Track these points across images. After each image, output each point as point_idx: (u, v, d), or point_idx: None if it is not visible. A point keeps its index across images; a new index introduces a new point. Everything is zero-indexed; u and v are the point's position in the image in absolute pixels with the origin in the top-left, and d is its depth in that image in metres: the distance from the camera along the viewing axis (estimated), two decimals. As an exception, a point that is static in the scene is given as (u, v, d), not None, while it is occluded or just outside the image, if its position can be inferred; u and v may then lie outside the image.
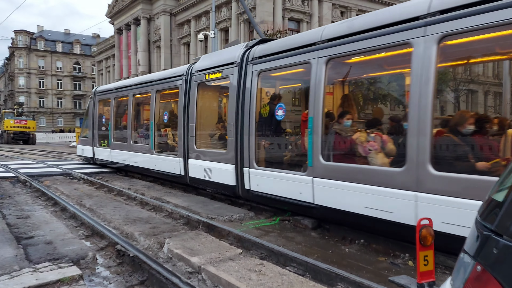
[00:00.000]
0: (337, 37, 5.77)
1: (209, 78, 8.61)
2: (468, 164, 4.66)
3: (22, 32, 77.06)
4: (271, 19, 31.39)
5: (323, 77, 5.87)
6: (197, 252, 4.85)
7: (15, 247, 4.99)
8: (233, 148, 7.62)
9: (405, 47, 4.94)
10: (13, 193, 9.60)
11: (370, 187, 5.19)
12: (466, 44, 4.85)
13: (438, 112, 5.65)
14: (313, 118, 5.95)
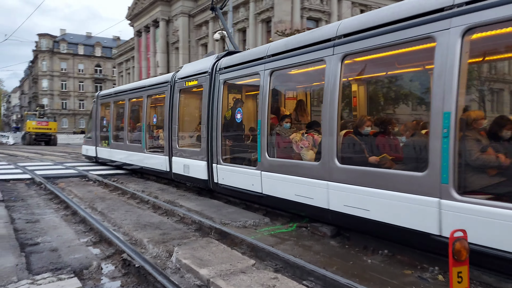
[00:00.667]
0: (280, 52, 6.78)
1: (188, 85, 9.66)
2: (363, 158, 5.66)
3: (46, 35, 78.66)
4: (289, 19, 30.96)
5: (268, 87, 6.95)
6: (206, 263, 4.51)
7: (18, 255, 4.75)
8: (205, 147, 8.67)
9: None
10: (26, 196, 9.49)
11: (299, 178, 6.22)
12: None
13: (351, 115, 6.78)
14: (260, 121, 7.02)
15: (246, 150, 8.08)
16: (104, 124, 15.88)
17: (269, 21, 33.50)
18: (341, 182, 5.46)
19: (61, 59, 78.98)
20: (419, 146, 4.94)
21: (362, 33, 5.25)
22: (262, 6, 33.71)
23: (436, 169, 4.32)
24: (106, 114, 15.85)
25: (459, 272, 3.60)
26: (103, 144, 15.54)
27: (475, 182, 4.40)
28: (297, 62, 6.40)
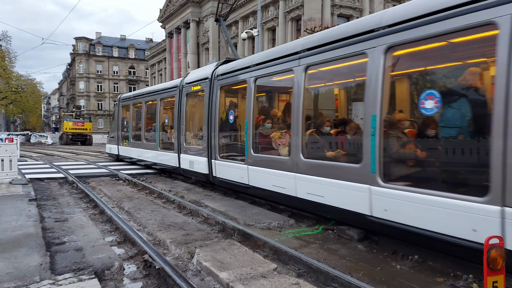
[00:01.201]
0: (262, 62, 7.81)
1: (193, 90, 10.85)
2: (322, 153, 6.61)
3: (82, 39, 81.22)
4: (319, 16, 30.51)
5: (253, 92, 8.04)
6: (227, 266, 4.41)
7: (43, 254, 4.80)
8: (206, 145, 9.80)
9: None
10: (58, 195, 9.72)
11: (275, 171, 7.24)
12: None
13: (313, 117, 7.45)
14: (247, 122, 8.10)
15: (237, 147, 9.00)
16: (124, 125, 17.23)
17: (299, 19, 33.17)
18: (305, 173, 6.48)
19: (97, 61, 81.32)
20: (357, 143, 5.78)
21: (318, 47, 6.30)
22: (292, 4, 33.41)
23: (367, 161, 5.27)
24: (126, 115, 17.30)
25: (494, 282, 3.34)
26: (124, 143, 16.98)
27: (396, 172, 5.29)
28: (274, 70, 7.48)
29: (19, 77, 45.54)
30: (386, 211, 5.03)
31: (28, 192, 9.17)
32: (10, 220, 6.42)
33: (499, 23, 4.01)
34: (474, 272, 4.30)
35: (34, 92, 48.82)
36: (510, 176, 3.78)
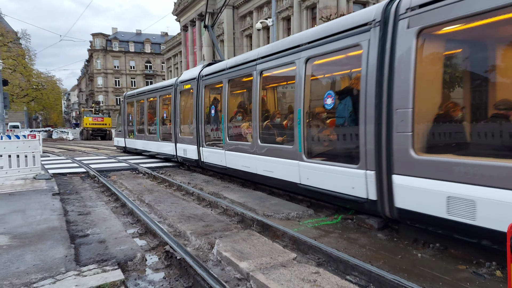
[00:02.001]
0: (233, 65, 9.47)
1: (185, 88, 12.58)
2: (274, 139, 8.18)
3: (99, 35, 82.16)
4: (334, 4, 30.04)
5: (227, 90, 9.84)
6: (247, 256, 4.44)
7: (68, 247, 4.93)
8: (195, 135, 11.64)
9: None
10: (80, 189, 9.93)
11: (243, 154, 8.95)
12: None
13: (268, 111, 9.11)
14: (223, 115, 9.88)
15: (218, 136, 10.55)
16: (130, 120, 19.37)
17: (314, 8, 32.75)
18: (262, 155, 8.24)
19: (114, 57, 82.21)
20: (292, 130, 7.38)
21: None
22: (307, -7, 33.01)
23: (296, 143, 7.06)
24: (131, 111, 19.29)
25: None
26: (130, 136, 19.14)
27: (317, 150, 7.03)
28: (241, 74, 9.15)
29: (39, 75, 46.39)
30: (308, 179, 6.82)
31: (51, 186, 9.39)
32: (35, 214, 6.60)
33: (362, 45, 5.65)
34: (497, 260, 4.24)
35: (54, 89, 49.67)
36: (369, 150, 5.50)
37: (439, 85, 5.24)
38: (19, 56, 40.09)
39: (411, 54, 4.88)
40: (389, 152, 5.17)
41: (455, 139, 4.95)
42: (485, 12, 4.16)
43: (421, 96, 4.89)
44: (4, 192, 8.68)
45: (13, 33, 42.73)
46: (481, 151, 4.56)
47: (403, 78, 4.96)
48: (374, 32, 5.44)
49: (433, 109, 5.12)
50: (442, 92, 5.25)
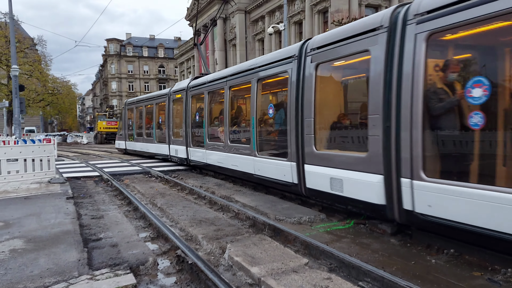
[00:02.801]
0: (212, 80, 11.68)
1: (176, 97, 14.83)
2: (238, 140, 10.05)
3: (113, 40, 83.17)
4: (346, 7, 29.95)
5: (207, 101, 11.98)
6: (258, 261, 4.43)
7: (81, 251, 4.98)
8: (185, 137, 13.70)
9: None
10: (94, 192, 10.04)
11: (218, 152, 10.95)
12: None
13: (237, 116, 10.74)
14: (205, 120, 12.03)
15: (201, 138, 12.45)
16: (130, 124, 21.68)
17: (325, 12, 32.70)
18: (230, 152, 10.18)
19: (128, 61, 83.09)
20: (249, 133, 9.30)
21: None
22: (319, -4, 32.99)
23: (252, 143, 9.04)
24: (131, 116, 21.53)
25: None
26: (130, 139, 21.52)
27: (264, 148, 8.95)
28: (217, 87, 11.26)
29: (55, 80, 47.07)
30: (259, 170, 8.77)
31: (65, 190, 9.51)
32: (50, 218, 6.68)
33: (289, 72, 7.65)
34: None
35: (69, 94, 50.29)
36: (292, 147, 7.45)
37: (329, 102, 7.28)
38: (36, 62, 40.74)
39: (312, 81, 6.93)
40: (303, 149, 7.17)
41: (336, 139, 6.96)
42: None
43: (319, 109, 6.92)
44: (20, 196, 8.82)
45: (30, 40, 43.53)
46: (347, 146, 6.61)
47: (307, 96, 7.02)
48: (294, 64, 7.48)
49: (326, 119, 7.08)
50: (331, 107, 7.31)
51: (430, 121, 4.92)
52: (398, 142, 5.19)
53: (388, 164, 5.35)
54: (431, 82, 5.00)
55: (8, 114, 36.14)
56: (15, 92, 19.57)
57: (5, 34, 36.41)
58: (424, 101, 4.85)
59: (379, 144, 5.46)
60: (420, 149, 4.86)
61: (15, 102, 19.57)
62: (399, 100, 5.16)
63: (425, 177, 4.83)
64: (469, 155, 4.74)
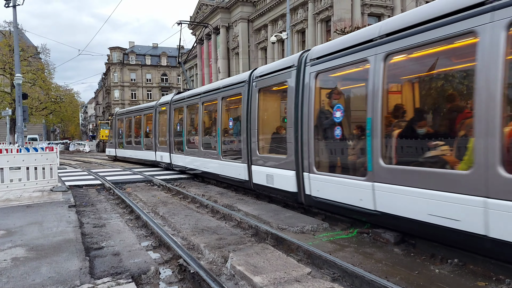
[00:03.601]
0: (190, 96, 13.97)
1: (162, 110, 16.98)
2: (209, 146, 12.10)
3: (116, 48, 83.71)
4: (349, 16, 30.13)
5: (186, 114, 14.15)
6: (261, 270, 4.40)
7: (82, 259, 4.96)
8: (168, 144, 15.85)
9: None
10: (96, 201, 10.03)
11: (193, 157, 13.11)
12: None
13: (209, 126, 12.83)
14: (183, 130, 14.14)
15: (181, 145, 14.42)
16: (120, 133, 23.83)
17: (328, 20, 32.90)
18: (203, 157, 12.18)
19: (131, 70, 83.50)
20: (215, 140, 11.52)
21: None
22: (321, 5, 33.19)
23: (218, 149, 11.01)
24: (121, 126, 23.64)
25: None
26: (120, 147, 23.59)
27: (227, 153, 10.84)
28: (192, 102, 13.44)
29: (58, 88, 47.27)
30: (223, 171, 10.71)
31: (67, 199, 9.51)
32: (52, 226, 6.67)
33: (242, 92, 9.77)
34: (519, 276, 4.11)
35: (72, 102, 50.51)
36: (244, 151, 9.40)
37: (267, 118, 9.30)
38: (39, 70, 40.96)
39: (256, 101, 9.07)
40: (250, 153, 9.25)
41: (271, 146, 8.99)
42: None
43: (261, 123, 9.04)
44: (22, 204, 8.82)
45: (33, 48, 43.85)
46: (277, 151, 8.54)
47: (253, 113, 9.16)
48: (245, 87, 9.60)
49: (265, 130, 9.17)
50: (268, 122, 9.28)
51: (319, 132, 7.11)
52: (302, 147, 7.29)
53: (297, 163, 7.46)
54: (322, 105, 7.18)
55: (11, 122, 36.27)
56: (18, 101, 19.65)
57: (9, 43, 36.74)
58: (315, 119, 7.04)
59: (292, 149, 7.59)
60: (313, 152, 7.07)
61: (18, 110, 19.65)
62: (302, 117, 7.28)
63: (316, 171, 6.97)
64: (336, 156, 7.01)
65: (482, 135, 4.21)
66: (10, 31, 37.24)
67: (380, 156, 5.55)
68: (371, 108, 5.67)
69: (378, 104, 5.59)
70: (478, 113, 4.26)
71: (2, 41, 39.02)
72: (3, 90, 39.63)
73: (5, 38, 39.10)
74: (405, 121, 5.76)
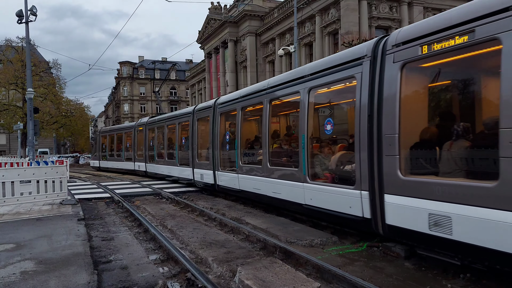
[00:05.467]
0: (159, 120, 19.30)
1: (140, 129, 21.73)
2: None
3: (126, 63, 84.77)
4: (356, 29, 30.25)
5: (165, 131, 17.83)
6: (269, 285, 4.35)
7: (91, 273, 4.95)
8: (144, 156, 20.65)
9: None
10: (105, 214, 10.05)
11: (164, 165, 17.57)
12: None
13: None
14: (155, 146, 19.24)
15: (153, 157, 18.91)
16: (103, 148, 28.59)
17: (336, 33, 33.08)
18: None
19: (140, 84, 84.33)
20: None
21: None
22: (328, 18, 33.41)
23: (191, 161, 14.07)
24: (104, 142, 28.43)
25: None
26: (103, 159, 28.48)
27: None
28: (159, 125, 18.42)
29: (69, 102, 47.85)
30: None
31: (77, 212, 9.55)
32: (61, 240, 6.69)
33: (190, 121, 14.38)
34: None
35: (82, 116, 51.06)
36: (216, 162, 11.79)
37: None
38: (50, 85, 41.60)
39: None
40: (194, 161, 13.35)
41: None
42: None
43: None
44: (32, 217, 8.87)
45: (45, 63, 44.59)
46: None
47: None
48: (191, 117, 14.31)
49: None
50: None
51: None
52: (214, 156, 11.78)
53: (214, 164, 11.90)
54: (224, 131, 11.47)
55: (22, 136, 36.72)
56: (30, 115, 19.93)
57: (21, 58, 37.36)
58: (220, 139, 11.52)
59: (211, 157, 11.55)
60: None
61: (29, 124, 19.91)
62: (213, 138, 12.02)
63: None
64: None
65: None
66: (22, 46, 37.96)
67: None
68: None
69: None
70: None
71: (14, 57, 39.78)
72: (15, 105, 40.24)
73: (17, 53, 39.85)
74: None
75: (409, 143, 5.32)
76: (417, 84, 5.59)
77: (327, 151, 7.57)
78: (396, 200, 5.22)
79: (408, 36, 5.22)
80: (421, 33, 5.04)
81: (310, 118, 7.42)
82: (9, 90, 40.54)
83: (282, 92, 8.58)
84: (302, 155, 7.46)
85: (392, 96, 5.33)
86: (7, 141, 66.33)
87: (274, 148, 9.34)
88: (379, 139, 5.54)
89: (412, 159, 5.39)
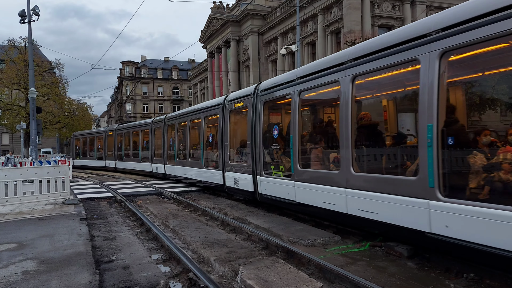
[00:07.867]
0: (122, 127, 26.63)
1: (109, 134, 27.28)
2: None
3: (128, 63, 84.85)
4: (359, 28, 30.18)
5: (124, 138, 25.74)
6: (271, 285, 4.32)
7: (92, 273, 4.95)
8: (114, 156, 26.59)
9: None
10: (107, 214, 10.05)
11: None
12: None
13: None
14: (122, 147, 25.48)
15: (122, 156, 25.01)
16: (77, 148, 33.21)
17: (338, 32, 33.02)
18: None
19: (143, 83, 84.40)
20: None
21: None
22: (331, 17, 33.35)
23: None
24: (78, 143, 32.95)
25: None
26: (77, 158, 32.35)
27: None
28: (126, 131, 25.50)
29: (71, 102, 47.96)
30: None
31: (79, 211, 9.55)
32: (63, 239, 6.69)
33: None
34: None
35: (85, 116, 51.15)
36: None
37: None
38: (53, 85, 41.72)
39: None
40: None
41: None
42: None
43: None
44: (34, 217, 8.88)
45: (48, 63, 44.70)
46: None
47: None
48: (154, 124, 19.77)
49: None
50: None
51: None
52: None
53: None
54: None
55: (25, 135, 36.83)
56: (33, 114, 19.98)
57: (24, 58, 37.48)
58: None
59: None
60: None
61: (32, 124, 19.97)
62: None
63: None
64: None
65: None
66: (25, 46, 38.07)
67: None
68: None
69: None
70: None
71: (17, 57, 39.90)
72: (18, 104, 40.36)
73: (20, 53, 39.95)
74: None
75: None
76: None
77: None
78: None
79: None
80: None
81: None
82: (12, 90, 40.71)
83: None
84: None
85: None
86: (11, 140, 66.54)
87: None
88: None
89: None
